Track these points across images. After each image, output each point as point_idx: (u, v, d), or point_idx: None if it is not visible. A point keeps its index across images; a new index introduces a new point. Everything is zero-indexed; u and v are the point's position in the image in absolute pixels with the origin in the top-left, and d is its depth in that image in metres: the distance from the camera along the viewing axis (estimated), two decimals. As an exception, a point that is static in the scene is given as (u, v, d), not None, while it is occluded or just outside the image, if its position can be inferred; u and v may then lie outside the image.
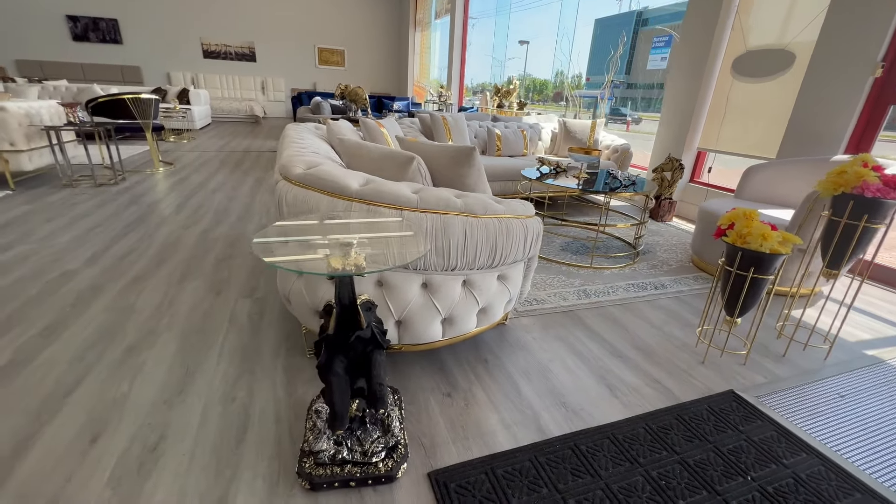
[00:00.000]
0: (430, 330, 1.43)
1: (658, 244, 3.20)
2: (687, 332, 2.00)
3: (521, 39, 27.54)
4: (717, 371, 1.73)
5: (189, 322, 1.84)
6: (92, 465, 1.15)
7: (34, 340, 1.67)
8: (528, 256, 1.57)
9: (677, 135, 3.91)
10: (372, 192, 1.26)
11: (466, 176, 1.58)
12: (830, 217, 1.73)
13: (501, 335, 1.88)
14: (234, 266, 2.41)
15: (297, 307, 1.50)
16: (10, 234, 2.69)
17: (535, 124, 4.42)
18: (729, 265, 1.65)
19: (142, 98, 4.37)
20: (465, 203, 1.34)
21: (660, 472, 1.23)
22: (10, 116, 3.49)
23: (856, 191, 1.62)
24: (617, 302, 2.26)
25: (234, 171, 4.86)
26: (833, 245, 1.72)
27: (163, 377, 1.50)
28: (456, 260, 1.35)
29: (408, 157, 1.46)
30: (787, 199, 2.75)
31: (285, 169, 1.37)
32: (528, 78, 22.30)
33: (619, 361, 1.75)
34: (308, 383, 1.51)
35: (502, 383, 1.57)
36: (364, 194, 1.26)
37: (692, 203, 3.92)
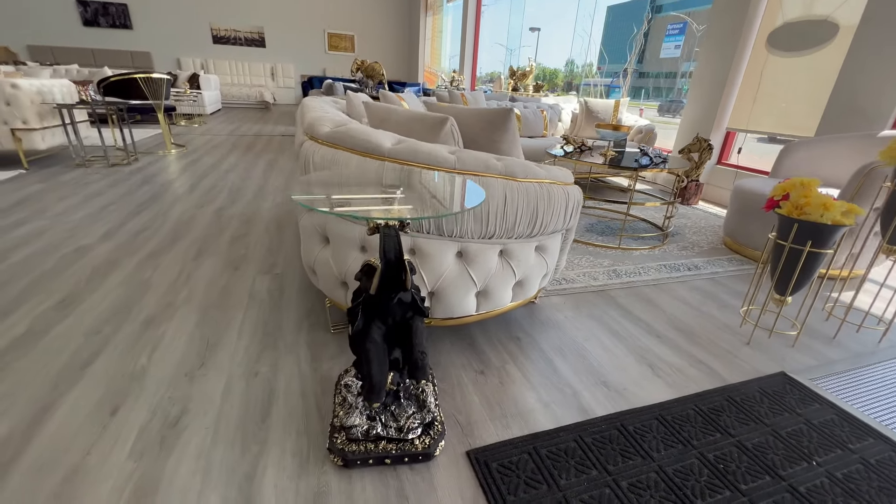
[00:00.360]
0: (463, 303, 1.34)
1: (686, 227, 3.07)
2: (727, 314, 1.89)
3: (533, 27, 27.01)
4: (764, 353, 1.62)
5: (207, 297, 1.77)
6: (112, 438, 1.08)
7: (50, 313, 1.61)
8: (567, 227, 1.47)
9: (705, 114, 3.75)
10: (406, 151, 1.16)
11: (501, 141, 1.48)
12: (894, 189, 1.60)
13: (532, 313, 1.79)
14: (251, 243, 2.34)
15: (322, 279, 1.41)
16: (24, 211, 2.65)
17: (554, 105, 4.28)
18: (782, 239, 1.53)
19: (153, 77, 4.30)
20: (506, 165, 1.24)
21: (716, 454, 1.14)
22: (22, 94, 3.44)
23: (926, 158, 1.49)
24: (650, 282, 2.15)
25: (247, 154, 4.79)
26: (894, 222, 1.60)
27: (182, 351, 1.43)
28: (494, 227, 1.25)
29: (441, 118, 1.36)
30: (831, 178, 2.61)
31: (312, 128, 1.28)
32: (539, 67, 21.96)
33: (658, 341, 1.66)
34: (333, 359, 1.43)
35: (537, 361, 1.49)
36: (398, 153, 1.17)
37: (720, 186, 3.77)
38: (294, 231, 2.54)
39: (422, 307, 0.95)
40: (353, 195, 0.85)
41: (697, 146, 3.52)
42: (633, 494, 1.01)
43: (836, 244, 1.48)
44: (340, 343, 1.52)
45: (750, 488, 1.05)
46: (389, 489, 0.99)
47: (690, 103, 3.88)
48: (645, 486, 1.04)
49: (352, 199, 0.77)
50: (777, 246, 1.57)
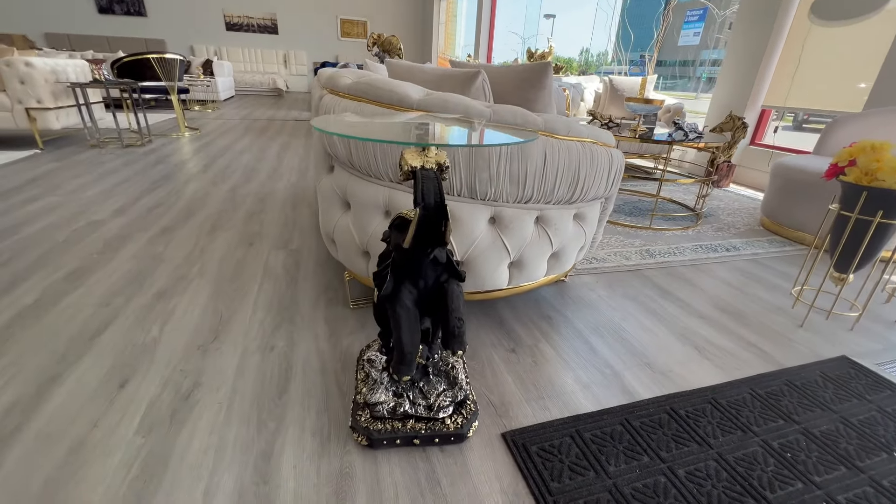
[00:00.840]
0: (495, 274, 1.23)
1: (719, 208, 2.91)
2: (775, 295, 1.75)
3: (547, 13, 26.36)
4: (821, 335, 1.48)
5: (221, 271, 1.69)
6: (120, 411, 1.01)
7: (60, 284, 1.55)
8: (608, 194, 1.35)
9: (739, 91, 3.54)
10: (437, 102, 1.05)
11: (536, 100, 1.35)
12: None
13: (562, 292, 1.67)
14: (266, 220, 2.26)
15: (342, 248, 1.32)
16: (37, 188, 2.61)
17: (577, 84, 4.10)
18: (847, 210, 1.38)
19: (166, 58, 4.23)
20: (546, 120, 1.12)
21: (781, 442, 1.02)
22: (36, 72, 3.40)
23: None
24: (686, 262, 2.01)
25: (260, 136, 4.71)
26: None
27: (195, 324, 1.35)
28: (532, 189, 1.13)
29: (471, 72, 1.23)
30: (881, 153, 2.41)
31: (332, 81, 1.17)
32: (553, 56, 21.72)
33: (703, 322, 1.53)
34: (353, 335, 1.34)
35: (572, 340, 1.37)
36: (427, 104, 1.05)
37: (753, 168, 3.57)
38: (310, 209, 2.46)
39: (458, 269, 0.84)
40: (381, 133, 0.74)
41: (731, 125, 3.33)
42: (692, 484, 0.90)
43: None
44: (360, 319, 1.42)
45: (825, 480, 0.93)
46: (419, 472, 0.90)
47: (722, 80, 3.67)
48: (704, 474, 0.92)
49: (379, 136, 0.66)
50: (840, 218, 1.42)
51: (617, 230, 2.38)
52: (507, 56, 19.37)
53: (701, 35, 32.74)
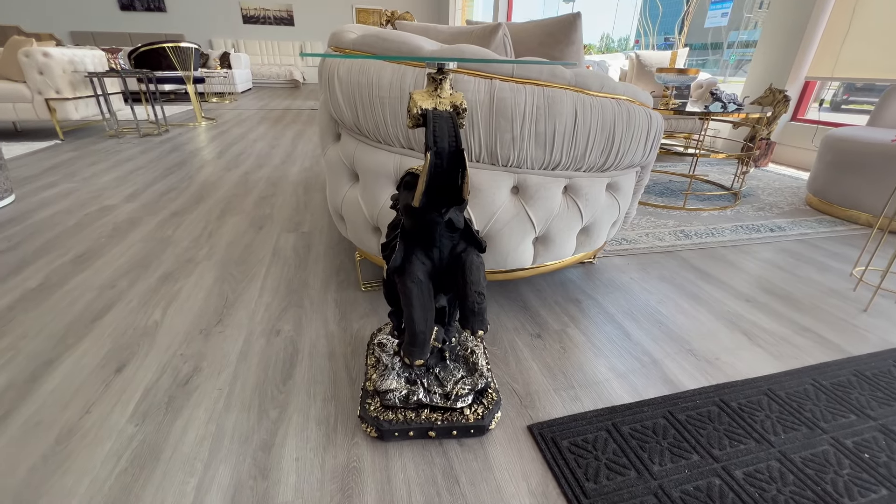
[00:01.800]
0: (519, 250, 1.11)
1: (759, 188, 2.69)
2: (831, 278, 1.57)
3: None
4: (890, 321, 1.31)
5: (229, 254, 1.62)
6: (115, 397, 0.94)
7: (66, 267, 1.50)
8: (645, 162, 1.20)
9: (780, 62, 3.28)
10: (452, 53, 0.93)
11: (563, 57, 1.21)
12: None
13: (590, 275, 1.54)
14: (277, 204, 2.19)
15: (351, 225, 1.22)
16: (54, 175, 2.60)
17: (601, 61, 3.89)
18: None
19: (181, 46, 4.21)
20: (576, 74, 0.98)
21: (856, 441, 0.87)
22: (54, 63, 3.41)
23: None
24: (727, 243, 1.84)
25: (275, 125, 4.67)
26: None
27: (199, 306, 1.28)
28: (561, 153, 1.00)
29: (491, 25, 1.11)
30: (949, 122, 2.17)
31: (337, 38, 1.06)
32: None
33: (750, 306, 1.37)
34: (365, 318, 1.24)
35: (603, 326, 1.24)
36: (442, 56, 0.93)
37: (795, 146, 3.31)
38: (323, 193, 2.37)
39: (477, 237, 0.73)
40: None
41: (770, 98, 3.08)
42: (752, 487, 0.77)
43: None
44: (373, 301, 1.33)
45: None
46: (435, 467, 0.80)
47: (760, 51, 3.41)
48: (767, 477, 0.79)
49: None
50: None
51: (648, 211, 2.21)
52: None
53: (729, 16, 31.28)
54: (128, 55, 4.22)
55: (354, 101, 0.99)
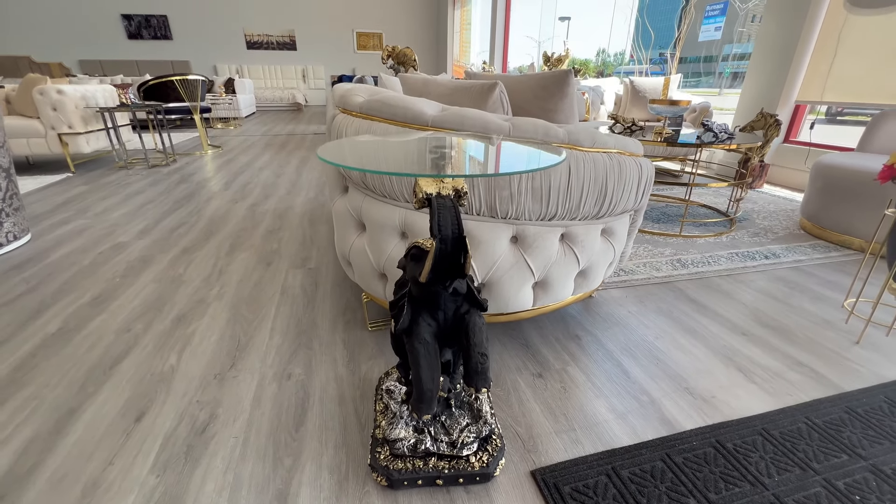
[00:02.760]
0: (519, 296, 1.16)
1: (754, 211, 2.75)
2: (824, 308, 1.61)
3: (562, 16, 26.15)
4: (881, 354, 1.35)
5: (239, 293, 1.68)
6: (136, 447, 0.98)
7: (83, 310, 1.56)
8: (638, 206, 1.26)
9: (770, 87, 3.37)
10: (453, 118, 1.00)
11: (557, 110, 1.28)
12: None
13: (589, 309, 1.59)
14: (285, 238, 2.25)
15: (358, 270, 1.27)
16: (68, 211, 2.69)
17: (596, 87, 4.00)
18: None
19: (189, 79, 4.35)
20: (569, 132, 1.05)
21: (847, 483, 0.91)
22: (67, 99, 3.53)
23: None
24: (722, 272, 1.89)
25: (280, 152, 4.78)
26: None
27: (213, 350, 1.33)
28: (556, 206, 1.06)
29: (489, 83, 1.18)
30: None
31: (344, 100, 1.14)
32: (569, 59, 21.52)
33: (746, 340, 1.41)
34: (372, 359, 1.29)
35: (602, 363, 1.29)
36: (443, 121, 1.00)
37: (789, 167, 3.38)
38: (327, 225, 2.44)
39: (479, 299, 0.78)
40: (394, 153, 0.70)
41: (762, 123, 3.16)
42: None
43: (982, 220, 1.19)
44: (379, 341, 1.37)
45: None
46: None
47: (751, 76, 3.51)
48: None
49: (392, 159, 0.62)
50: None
51: (645, 239, 2.27)
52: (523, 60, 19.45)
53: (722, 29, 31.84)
54: (137, 87, 4.36)
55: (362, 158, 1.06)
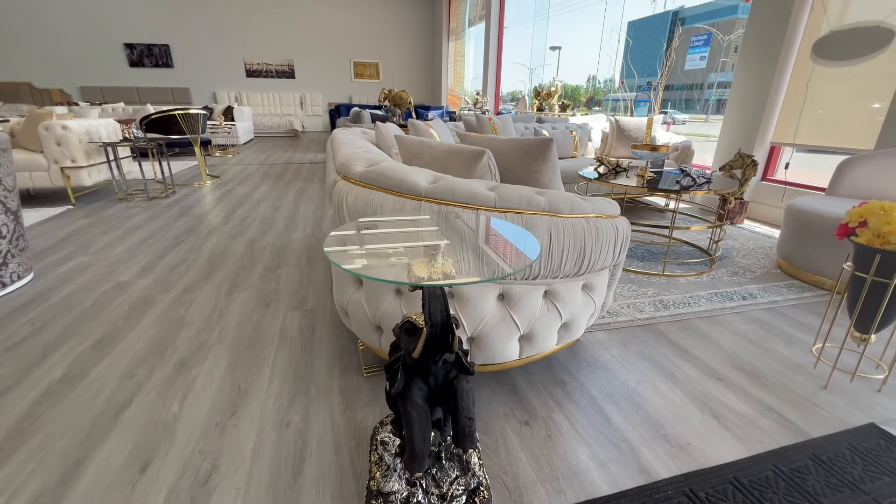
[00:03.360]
0: (506, 348, 1.24)
1: (734, 248, 2.88)
2: (796, 351, 1.71)
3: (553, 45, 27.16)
4: (847, 399, 1.43)
5: (239, 336, 1.74)
6: (141, 499, 1.03)
7: (87, 354, 1.61)
8: (616, 263, 1.36)
9: (747, 129, 3.56)
10: (444, 190, 1.10)
11: (540, 172, 1.40)
12: None
13: (575, 353, 1.67)
14: (283, 276, 2.33)
15: (355, 321, 1.35)
16: (69, 247, 2.74)
17: (583, 124, 4.19)
18: (862, 271, 1.37)
19: (191, 113, 4.49)
20: (549, 200, 1.15)
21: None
22: (72, 135, 3.63)
23: None
24: (702, 314, 1.99)
25: (277, 183, 4.90)
26: None
27: (214, 397, 1.39)
28: (539, 267, 1.16)
29: (477, 151, 1.29)
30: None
31: (345, 168, 1.24)
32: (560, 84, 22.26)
33: (721, 385, 1.50)
34: (367, 406, 1.35)
35: (586, 410, 1.36)
36: (435, 192, 1.10)
37: (766, 204, 3.54)
38: (324, 263, 2.52)
39: (466, 365, 0.86)
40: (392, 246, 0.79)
41: (740, 163, 3.33)
42: (715, 583, 0.87)
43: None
44: (374, 387, 1.44)
45: (858, 578, 0.88)
46: (433, 569, 0.89)
47: (729, 117, 3.71)
48: (729, 572, 0.89)
49: (391, 251, 0.71)
50: (855, 278, 1.40)
51: (630, 278, 2.37)
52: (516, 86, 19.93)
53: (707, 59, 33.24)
54: (139, 121, 4.48)
55: (358, 202, 1.15)
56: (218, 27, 10.74)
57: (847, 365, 1.61)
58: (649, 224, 2.74)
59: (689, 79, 35.21)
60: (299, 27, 11.27)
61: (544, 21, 8.69)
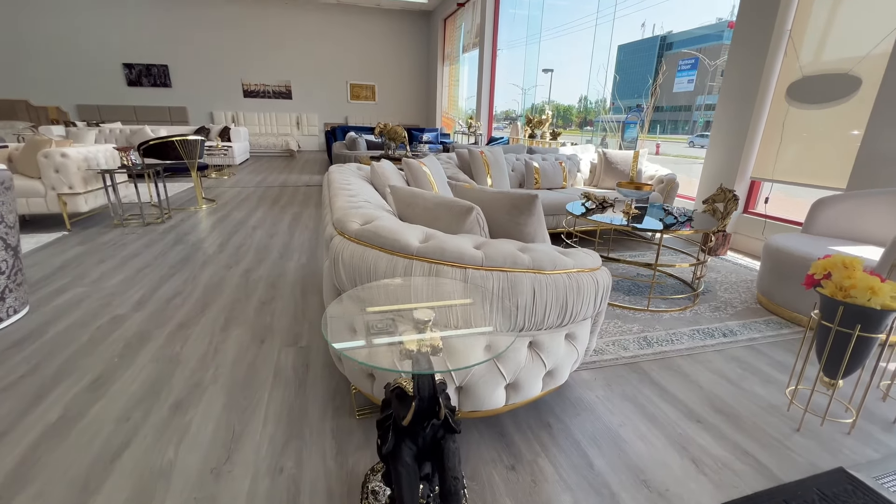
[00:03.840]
0: (492, 396, 1.30)
1: (717, 281, 2.98)
2: (771, 391, 1.78)
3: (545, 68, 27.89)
4: (817, 442, 1.50)
5: (234, 375, 1.78)
6: (137, 551, 1.06)
7: (83, 395, 1.64)
8: (597, 312, 1.44)
9: (728, 164, 3.72)
10: (434, 250, 1.17)
11: (526, 224, 1.48)
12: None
13: (561, 393, 1.72)
14: (277, 310, 2.37)
15: (348, 367, 1.40)
16: (65, 277, 2.77)
17: (572, 155, 4.33)
18: (827, 320, 1.46)
19: (189, 140, 4.57)
20: (533, 258, 1.23)
21: (777, 580, 1.03)
22: (71, 162, 3.69)
23: (978, 236, 1.41)
24: (684, 352, 2.06)
25: (273, 208, 4.96)
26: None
27: (209, 440, 1.42)
28: (524, 321, 1.23)
29: (466, 207, 1.37)
30: (867, 234, 2.51)
31: (341, 224, 1.31)
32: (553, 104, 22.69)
33: (700, 427, 1.56)
34: (359, 451, 1.39)
35: (570, 454, 1.41)
36: (425, 252, 1.18)
37: (748, 235, 3.67)
38: (319, 296, 2.57)
39: (453, 425, 0.92)
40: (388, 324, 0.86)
41: (722, 197, 3.46)
42: None
43: (888, 328, 1.39)
44: (366, 430, 1.48)
45: None
46: None
47: (711, 152, 3.86)
48: None
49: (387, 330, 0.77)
50: (822, 326, 1.49)
51: (617, 313, 2.45)
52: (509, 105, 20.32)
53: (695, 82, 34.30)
54: (137, 146, 4.55)
55: (355, 279, 1.22)
56: (217, 48, 10.94)
57: (819, 406, 1.68)
58: (634, 261, 2.83)
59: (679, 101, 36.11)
60: (297, 49, 11.51)
61: (536, 44, 8.97)
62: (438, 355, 0.82)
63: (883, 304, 1.33)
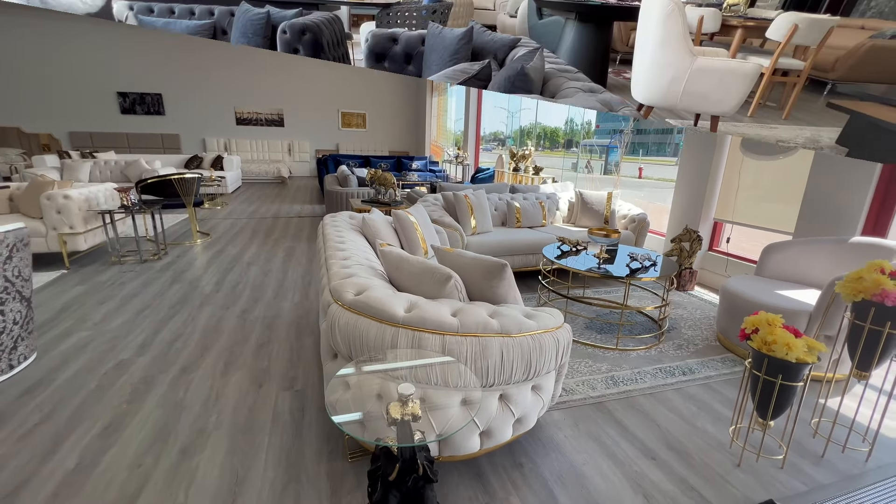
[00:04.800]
0: (468, 443, 1.50)
1: (682, 318, 3.23)
2: (719, 428, 2.00)
3: (532, 93, 28.83)
4: (754, 476, 1.72)
5: (235, 420, 1.94)
6: (156, 591, 1.21)
7: (96, 442, 1.78)
8: (560, 365, 1.65)
9: (692, 206, 4.03)
10: (416, 319, 1.39)
11: (497, 287, 1.71)
12: (854, 321, 1.77)
13: (534, 433, 1.92)
14: (273, 353, 2.54)
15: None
16: (68, 320, 2.91)
17: (552, 194, 4.62)
18: (756, 369, 1.69)
19: (186, 178, 4.76)
20: (501, 324, 1.45)
21: None
22: (73, 203, 3.85)
23: (876, 298, 1.68)
24: (646, 391, 2.28)
25: (266, 241, 5.14)
26: (859, 349, 1.76)
27: (215, 485, 1.58)
28: (494, 378, 1.44)
29: (446, 275, 1.59)
30: (810, 277, 2.79)
31: (337, 293, 1.52)
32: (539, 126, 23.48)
33: (653, 465, 1.77)
34: (351, 493, 1.57)
35: (539, 492, 1.60)
36: (409, 321, 1.39)
37: (713, 272, 3.96)
38: (313, 337, 2.75)
39: (431, 476, 1.11)
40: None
41: (688, 237, 3.76)
42: None
43: (806, 377, 1.63)
44: (357, 472, 1.65)
45: None
46: None
47: (678, 193, 4.18)
48: None
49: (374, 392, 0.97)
50: (753, 374, 1.72)
51: (587, 352, 2.67)
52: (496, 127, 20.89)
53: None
54: (135, 183, 4.72)
55: (349, 343, 1.43)
56: (210, 77, 11.22)
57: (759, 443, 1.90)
58: (603, 304, 3.09)
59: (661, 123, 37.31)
60: (290, 78, 11.86)
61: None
62: (418, 421, 1.02)
63: (798, 358, 1.57)
